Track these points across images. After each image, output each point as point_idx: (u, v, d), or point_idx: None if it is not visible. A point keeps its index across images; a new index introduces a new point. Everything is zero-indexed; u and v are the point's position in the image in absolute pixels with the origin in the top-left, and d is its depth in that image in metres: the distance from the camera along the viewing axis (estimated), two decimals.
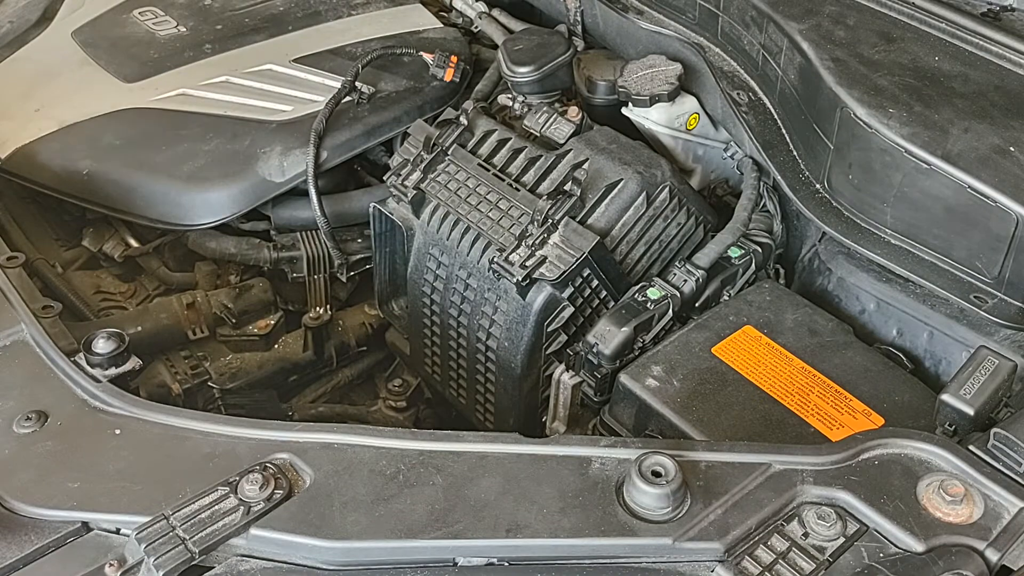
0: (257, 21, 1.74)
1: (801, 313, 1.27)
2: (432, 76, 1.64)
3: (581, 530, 0.86)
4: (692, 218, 1.36)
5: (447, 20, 1.84)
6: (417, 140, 1.42)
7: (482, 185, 1.34)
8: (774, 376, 1.17)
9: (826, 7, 1.37)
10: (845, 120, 1.21)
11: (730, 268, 1.33)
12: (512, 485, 0.90)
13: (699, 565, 0.84)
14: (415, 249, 1.42)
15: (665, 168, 1.33)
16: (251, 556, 0.87)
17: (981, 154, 1.13)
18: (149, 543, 0.83)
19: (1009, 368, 0.99)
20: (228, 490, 0.88)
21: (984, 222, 1.11)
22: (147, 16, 1.73)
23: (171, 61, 1.63)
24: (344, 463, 0.92)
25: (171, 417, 0.98)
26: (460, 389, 1.48)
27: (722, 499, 0.87)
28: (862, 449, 0.92)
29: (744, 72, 1.46)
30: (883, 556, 0.83)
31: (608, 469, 0.91)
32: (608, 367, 1.22)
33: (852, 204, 1.25)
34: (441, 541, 0.86)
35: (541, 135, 1.37)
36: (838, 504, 0.87)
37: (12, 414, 0.99)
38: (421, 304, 1.44)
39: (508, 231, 1.29)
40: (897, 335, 1.28)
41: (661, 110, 1.44)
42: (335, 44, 1.69)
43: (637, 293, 1.26)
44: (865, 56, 1.28)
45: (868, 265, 1.28)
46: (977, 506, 0.86)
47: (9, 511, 0.91)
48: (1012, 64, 1.25)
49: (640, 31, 1.55)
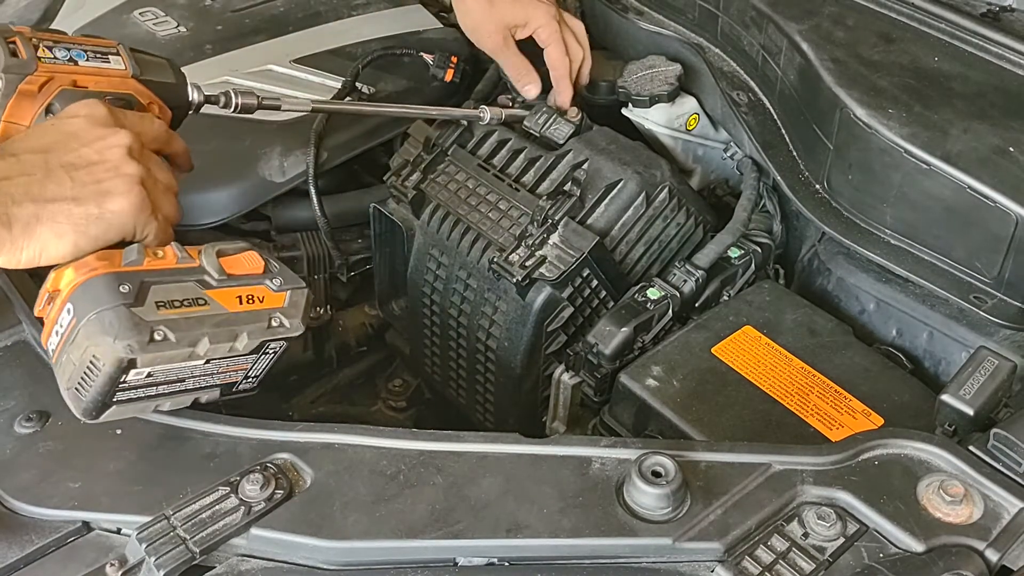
0: (257, 22, 1.74)
1: (801, 313, 1.27)
2: (432, 76, 1.64)
3: (581, 530, 0.86)
4: (692, 218, 1.36)
5: (447, 20, 1.84)
6: (417, 140, 1.43)
7: (482, 185, 1.35)
8: (774, 376, 1.17)
9: (826, 7, 1.37)
10: (845, 120, 1.21)
11: (730, 268, 1.33)
12: (512, 485, 0.90)
13: (699, 565, 0.84)
14: (415, 249, 1.42)
15: (664, 168, 1.33)
16: (252, 556, 0.87)
17: (981, 154, 1.13)
18: (150, 543, 0.84)
19: (1009, 368, 0.99)
20: (229, 490, 0.89)
21: (984, 222, 1.11)
22: (147, 16, 1.73)
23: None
24: (345, 463, 0.93)
25: (172, 417, 0.98)
26: (460, 389, 1.49)
27: (722, 499, 0.88)
28: (862, 449, 0.92)
29: (744, 72, 1.47)
30: (883, 556, 0.84)
31: (608, 469, 0.91)
32: (608, 367, 1.22)
33: (852, 204, 1.25)
34: (441, 541, 0.86)
35: (541, 135, 1.37)
36: (838, 504, 0.88)
37: (13, 414, 1.00)
38: (421, 304, 1.44)
39: (508, 231, 1.29)
40: (897, 335, 1.28)
41: (661, 110, 1.45)
42: (335, 45, 1.69)
43: (637, 293, 1.26)
44: (865, 57, 1.28)
45: (868, 265, 1.28)
46: (977, 506, 0.87)
47: (10, 511, 0.91)
48: (1012, 64, 1.25)
49: (640, 31, 1.55)
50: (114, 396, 0.89)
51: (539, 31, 1.40)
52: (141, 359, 0.86)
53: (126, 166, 0.92)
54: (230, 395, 1.00)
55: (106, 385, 0.87)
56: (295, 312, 0.97)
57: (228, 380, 0.98)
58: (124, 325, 0.85)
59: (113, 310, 0.85)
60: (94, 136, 0.93)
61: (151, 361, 0.87)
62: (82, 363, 0.87)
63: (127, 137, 0.94)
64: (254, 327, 0.93)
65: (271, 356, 0.98)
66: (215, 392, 0.98)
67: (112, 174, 0.91)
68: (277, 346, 0.97)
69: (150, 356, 0.86)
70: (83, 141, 0.92)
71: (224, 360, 0.93)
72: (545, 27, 1.39)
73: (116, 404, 0.90)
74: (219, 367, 0.94)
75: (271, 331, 0.95)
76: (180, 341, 0.88)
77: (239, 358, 0.94)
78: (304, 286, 0.99)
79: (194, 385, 0.95)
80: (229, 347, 0.92)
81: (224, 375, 0.96)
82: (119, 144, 0.93)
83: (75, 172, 0.90)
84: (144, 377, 0.88)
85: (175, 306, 0.89)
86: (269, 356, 0.98)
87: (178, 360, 0.89)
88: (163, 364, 0.88)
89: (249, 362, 0.97)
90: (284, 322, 0.96)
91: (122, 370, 0.86)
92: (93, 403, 0.89)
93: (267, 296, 0.96)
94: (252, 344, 0.93)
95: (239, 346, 0.92)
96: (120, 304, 0.86)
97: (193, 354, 0.89)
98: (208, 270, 0.93)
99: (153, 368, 0.88)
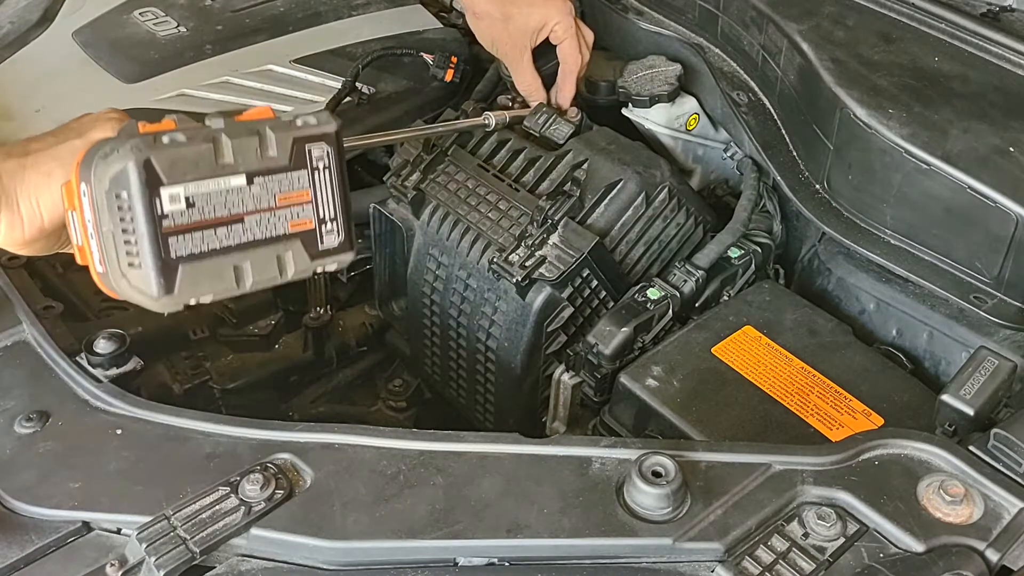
0: (257, 22, 1.74)
1: (801, 313, 1.27)
2: (432, 77, 1.64)
3: (581, 530, 0.86)
4: (691, 218, 1.36)
5: (447, 20, 1.84)
6: (417, 140, 1.43)
7: (482, 186, 1.35)
8: (774, 376, 1.17)
9: (826, 7, 1.37)
10: (845, 120, 1.21)
11: (730, 268, 1.33)
12: (512, 485, 0.90)
13: (699, 565, 0.84)
14: (415, 249, 1.42)
15: (664, 168, 1.33)
16: (252, 556, 0.87)
17: (981, 154, 1.13)
18: (150, 543, 0.84)
19: (1009, 368, 0.99)
20: (229, 490, 0.89)
21: (984, 222, 1.11)
22: (147, 16, 1.73)
23: (171, 62, 1.63)
24: (345, 463, 0.93)
25: (172, 417, 0.98)
26: (460, 389, 1.49)
27: (722, 499, 0.88)
28: (862, 449, 0.92)
29: (744, 72, 1.47)
30: (883, 556, 0.84)
31: (608, 469, 0.91)
32: (608, 367, 1.22)
33: (852, 204, 1.25)
34: (442, 541, 0.86)
35: (540, 135, 1.37)
36: (838, 504, 0.88)
37: (13, 414, 0.99)
38: (421, 304, 1.44)
39: (508, 231, 1.29)
40: (897, 335, 1.28)
41: (661, 110, 1.45)
42: (335, 44, 1.69)
43: (637, 293, 1.26)
44: (865, 56, 1.28)
45: (868, 265, 1.28)
46: (977, 506, 0.87)
47: (10, 511, 0.91)
48: (1012, 64, 1.26)
49: (640, 31, 1.55)
50: (168, 246, 0.79)
51: (556, 27, 1.40)
52: (156, 159, 0.77)
53: (107, 114, 0.90)
54: (322, 257, 0.88)
55: (147, 223, 0.78)
56: (317, 114, 0.86)
57: (302, 227, 0.86)
58: (127, 135, 0.79)
59: (113, 141, 0.79)
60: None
61: (171, 164, 0.78)
62: (111, 207, 0.78)
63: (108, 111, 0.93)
64: (277, 123, 0.84)
65: (327, 178, 0.87)
66: (299, 250, 0.86)
67: (92, 119, 0.90)
68: (322, 153, 0.86)
69: (165, 155, 0.78)
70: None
71: (271, 179, 0.83)
72: (562, 23, 1.40)
73: (181, 262, 0.80)
74: (273, 195, 0.84)
75: (298, 129, 0.84)
76: (193, 138, 0.79)
77: (289, 176, 0.84)
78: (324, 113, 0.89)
79: (262, 233, 0.84)
80: (259, 151, 0.82)
81: (290, 214, 0.85)
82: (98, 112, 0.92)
83: (56, 130, 0.89)
84: (186, 208, 0.79)
85: (182, 144, 0.80)
86: (325, 177, 0.87)
87: (207, 168, 0.80)
88: (193, 176, 0.79)
89: (306, 186, 0.86)
90: (309, 120, 0.85)
91: (148, 186, 0.77)
92: (153, 264, 0.79)
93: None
94: (285, 143, 0.83)
95: (271, 150, 0.83)
96: (122, 139, 0.79)
97: (219, 155, 0.80)
98: (214, 124, 0.83)
99: (187, 188, 0.79)
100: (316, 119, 0.86)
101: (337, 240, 0.90)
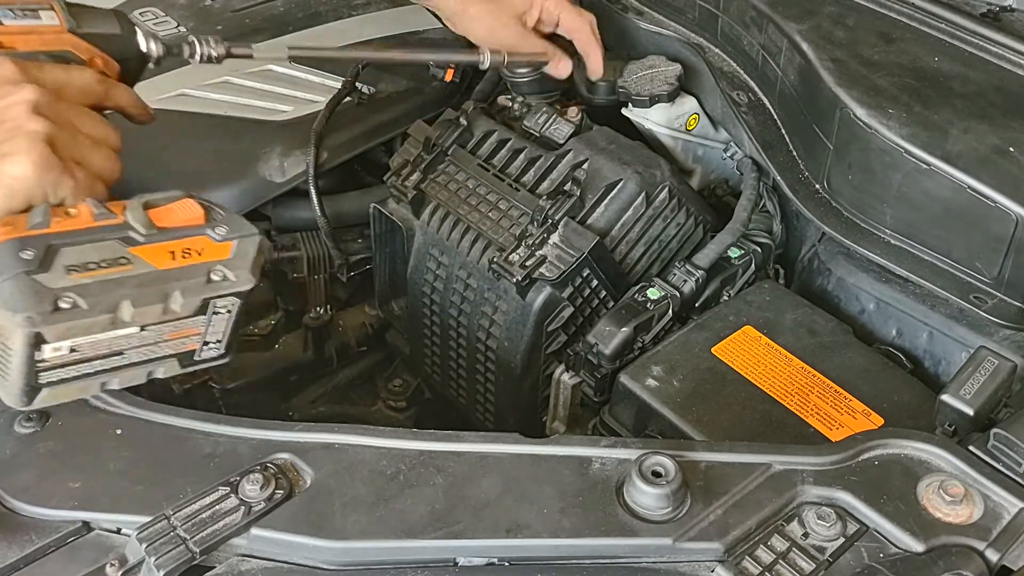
0: (257, 21, 1.74)
1: (801, 313, 1.27)
2: (432, 76, 1.64)
3: (581, 530, 0.86)
4: (691, 218, 1.36)
5: None
6: (417, 141, 1.43)
7: (482, 185, 1.35)
8: (774, 376, 1.17)
9: (826, 7, 1.37)
10: (845, 120, 1.21)
11: (730, 268, 1.33)
12: (512, 485, 0.90)
13: (699, 565, 0.84)
14: (415, 249, 1.42)
15: (664, 168, 1.33)
16: (252, 556, 0.87)
17: (981, 154, 1.13)
18: (150, 543, 0.83)
19: (1009, 368, 0.99)
20: (229, 490, 0.88)
21: (984, 222, 1.11)
22: (147, 16, 1.73)
23: (171, 62, 1.63)
24: (345, 463, 0.92)
25: (172, 417, 0.98)
26: (460, 389, 1.49)
27: (722, 499, 0.87)
28: (862, 449, 0.92)
29: (744, 72, 1.47)
30: (883, 556, 0.83)
31: (608, 469, 0.91)
32: (608, 367, 1.22)
33: (852, 204, 1.25)
34: (442, 541, 0.86)
35: (541, 135, 1.37)
36: (838, 504, 0.88)
37: (13, 414, 0.99)
38: (421, 304, 1.45)
39: (508, 231, 1.29)
40: (897, 335, 1.28)
41: (661, 110, 1.45)
42: (335, 44, 1.69)
43: (637, 293, 1.26)
44: (865, 56, 1.28)
45: (868, 265, 1.28)
46: (977, 506, 0.86)
47: (10, 511, 0.91)
48: (1012, 64, 1.25)
49: (640, 31, 1.55)
50: (38, 378, 0.80)
51: (546, 5, 1.38)
52: (48, 332, 0.76)
53: (29, 123, 0.84)
54: (194, 365, 0.89)
55: (23, 366, 0.78)
56: (242, 263, 0.85)
57: (183, 349, 0.87)
58: (24, 294, 0.76)
59: (13, 279, 0.76)
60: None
61: (63, 333, 0.77)
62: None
63: (32, 92, 0.86)
64: (190, 283, 0.83)
65: (226, 316, 0.87)
66: (172, 363, 0.87)
67: (11, 134, 0.83)
68: (228, 303, 0.85)
69: (59, 328, 0.77)
70: None
71: (164, 325, 0.83)
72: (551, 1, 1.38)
73: (48, 386, 0.81)
74: (162, 334, 0.84)
75: (212, 287, 0.84)
76: (94, 308, 0.78)
77: (184, 321, 0.84)
78: (255, 233, 0.88)
79: (139, 358, 0.85)
80: (162, 309, 0.81)
81: (175, 343, 0.86)
82: (22, 100, 0.85)
83: None
84: (68, 353, 0.79)
85: (90, 269, 0.79)
86: (224, 316, 0.86)
87: (99, 329, 0.79)
88: (83, 336, 0.79)
89: (200, 325, 0.86)
90: (228, 275, 0.84)
91: (31, 346, 0.77)
92: (19, 388, 0.80)
93: (207, 248, 0.85)
94: (192, 303, 0.83)
95: (175, 307, 0.82)
96: (20, 272, 0.77)
97: (117, 320, 0.79)
98: (133, 225, 0.83)
99: (74, 341, 0.78)
100: (236, 275, 0.85)
101: (216, 352, 0.91)
